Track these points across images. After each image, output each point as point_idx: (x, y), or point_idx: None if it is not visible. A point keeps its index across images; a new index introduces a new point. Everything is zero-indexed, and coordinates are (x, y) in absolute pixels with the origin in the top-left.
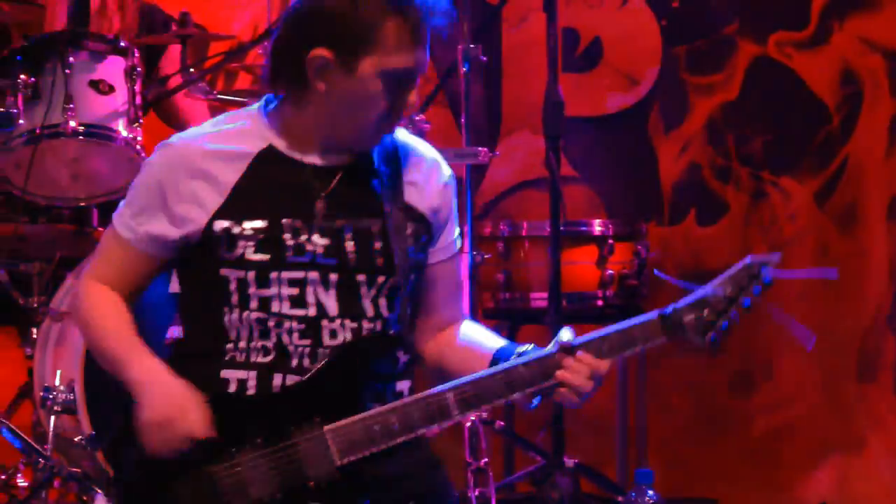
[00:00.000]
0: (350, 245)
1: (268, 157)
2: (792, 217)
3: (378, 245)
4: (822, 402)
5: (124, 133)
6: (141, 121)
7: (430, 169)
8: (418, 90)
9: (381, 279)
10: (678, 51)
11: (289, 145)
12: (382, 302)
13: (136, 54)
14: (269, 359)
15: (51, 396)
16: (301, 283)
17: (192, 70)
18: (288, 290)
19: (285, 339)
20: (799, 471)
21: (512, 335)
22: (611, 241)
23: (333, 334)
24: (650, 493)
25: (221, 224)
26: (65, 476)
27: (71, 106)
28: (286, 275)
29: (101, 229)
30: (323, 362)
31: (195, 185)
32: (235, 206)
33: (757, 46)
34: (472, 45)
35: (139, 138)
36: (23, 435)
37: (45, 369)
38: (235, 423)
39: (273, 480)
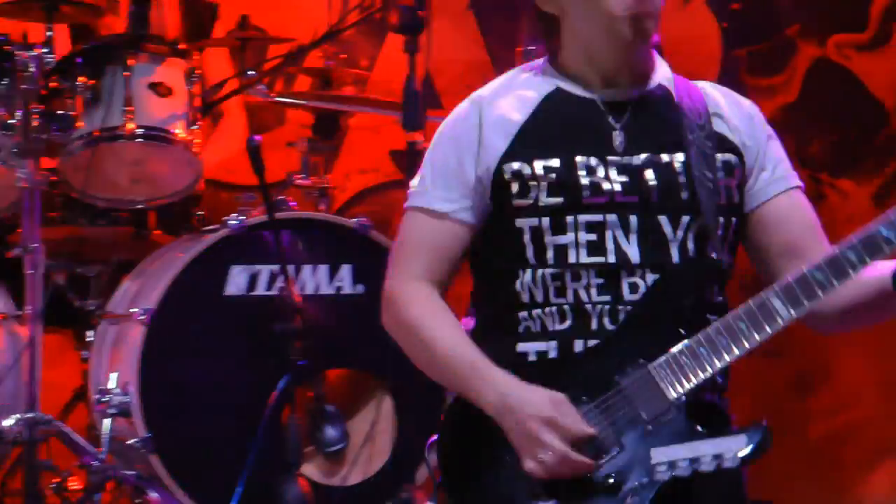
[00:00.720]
0: (651, 181)
1: (555, 96)
2: (850, 219)
3: (682, 179)
4: (881, 404)
5: (183, 135)
6: (199, 123)
7: (733, 101)
8: None
9: (685, 219)
10: (739, 53)
11: (575, 85)
12: (690, 247)
13: (195, 57)
14: (566, 324)
15: (105, 399)
16: (599, 228)
17: (250, 73)
18: (585, 236)
19: (582, 295)
20: (857, 474)
21: None
22: None
23: (633, 287)
24: None
25: (512, 166)
26: (119, 479)
27: (130, 108)
28: (583, 218)
29: (158, 232)
30: (641, 301)
31: (485, 132)
32: (525, 146)
33: (817, 48)
34: (531, 48)
35: (197, 140)
36: (77, 437)
37: (101, 372)
38: (551, 387)
39: (609, 432)
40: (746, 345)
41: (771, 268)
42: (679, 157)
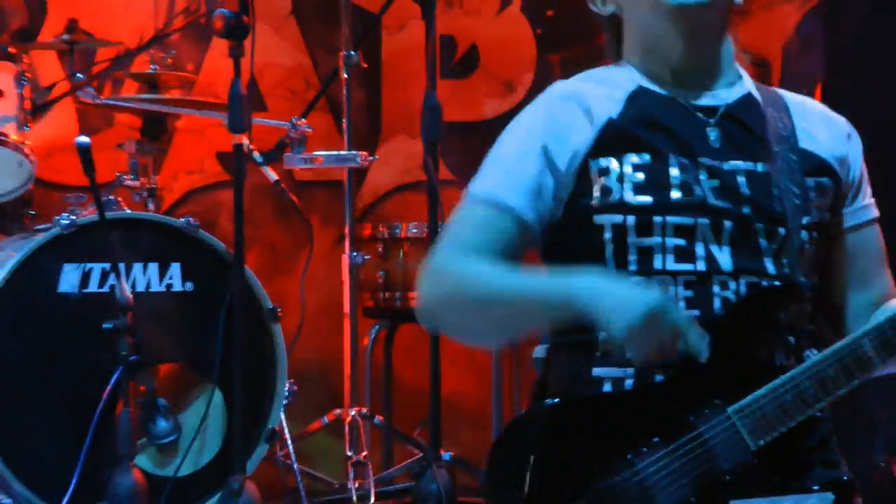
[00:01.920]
0: (745, 191)
1: (642, 94)
2: None
3: (775, 192)
4: None
5: (14, 137)
6: (30, 126)
7: (825, 117)
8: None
9: (781, 231)
10: (552, 58)
11: (658, 80)
12: (784, 262)
13: (24, 60)
14: None
15: None
16: (689, 232)
17: (79, 76)
18: (674, 241)
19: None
20: None
21: (391, 334)
22: None
23: (726, 303)
24: None
25: (599, 162)
26: None
27: None
28: (672, 220)
29: None
30: (718, 329)
31: (569, 125)
32: (614, 141)
33: None
34: (352, 52)
35: (28, 142)
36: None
37: None
38: (623, 425)
39: (683, 482)
40: (835, 394)
41: (834, 296)
42: (768, 168)
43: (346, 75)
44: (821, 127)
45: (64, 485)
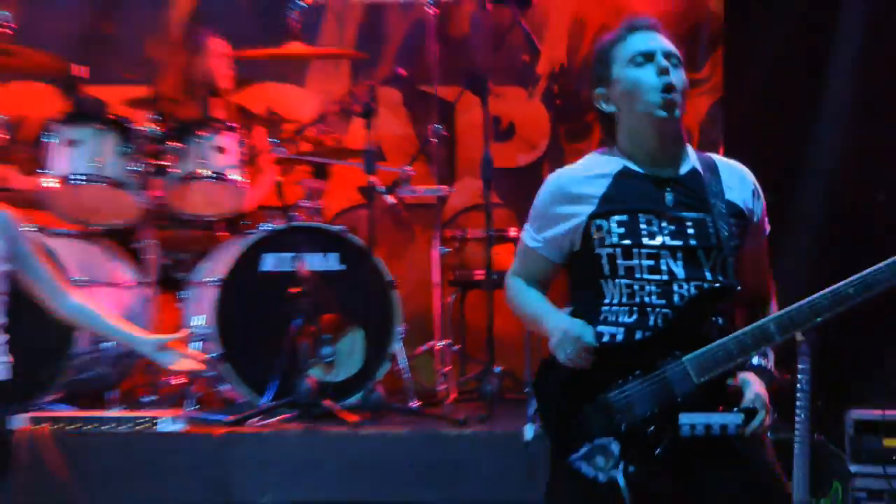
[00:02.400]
0: (690, 231)
1: (624, 173)
2: None
3: (712, 231)
4: None
5: (234, 177)
6: (245, 170)
7: (741, 176)
8: (662, 70)
9: (714, 253)
10: (560, 128)
11: (635, 164)
12: (719, 271)
13: (240, 130)
14: (632, 319)
15: (195, 331)
16: (656, 256)
17: (276, 141)
18: (646, 262)
19: (645, 299)
20: None
21: (463, 296)
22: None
23: (682, 297)
24: None
25: (596, 221)
26: (203, 376)
27: (203, 160)
28: (644, 251)
29: (225, 236)
30: (677, 312)
31: (574, 199)
32: (605, 208)
33: None
34: (438, 126)
35: (243, 180)
36: None
37: (191, 315)
38: (616, 363)
39: (650, 400)
40: (765, 345)
41: (742, 281)
42: (708, 217)
43: (435, 139)
44: (738, 184)
45: (268, 385)
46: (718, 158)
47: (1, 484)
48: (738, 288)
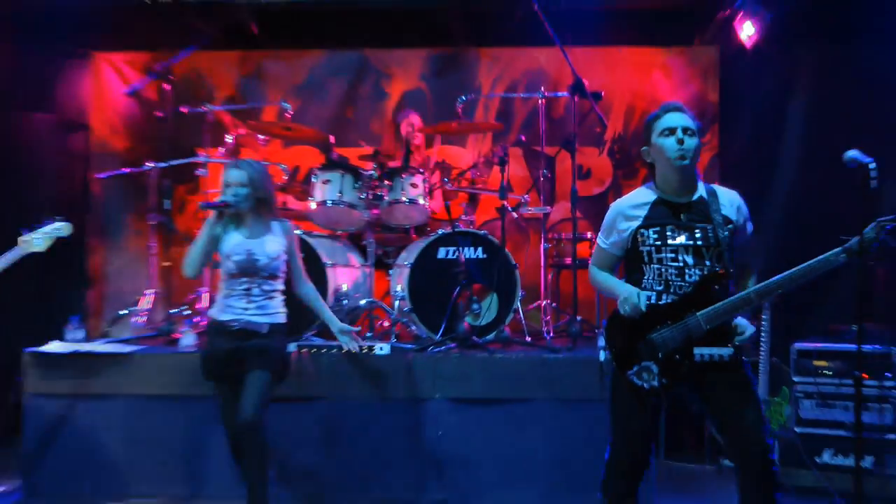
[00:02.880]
0: (698, 235)
1: (658, 202)
2: None
3: (711, 235)
4: None
5: (422, 202)
6: (429, 198)
7: (732, 198)
8: (679, 140)
9: (715, 249)
10: (619, 171)
11: (665, 194)
12: (714, 259)
13: (425, 173)
14: (661, 289)
15: (396, 295)
16: (676, 251)
17: (446, 180)
18: (670, 254)
19: (669, 278)
20: None
21: (558, 274)
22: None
23: (691, 276)
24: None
25: (641, 231)
26: (402, 321)
27: (403, 191)
28: (669, 248)
29: (415, 237)
30: (692, 286)
31: (628, 218)
32: (646, 223)
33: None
34: (545, 171)
35: (429, 204)
36: (385, 306)
37: (394, 285)
38: (655, 316)
39: (677, 339)
40: (763, 301)
41: (736, 262)
42: (710, 226)
43: (542, 179)
44: (730, 203)
45: (440, 326)
46: (718, 187)
47: (285, 382)
48: (731, 270)
